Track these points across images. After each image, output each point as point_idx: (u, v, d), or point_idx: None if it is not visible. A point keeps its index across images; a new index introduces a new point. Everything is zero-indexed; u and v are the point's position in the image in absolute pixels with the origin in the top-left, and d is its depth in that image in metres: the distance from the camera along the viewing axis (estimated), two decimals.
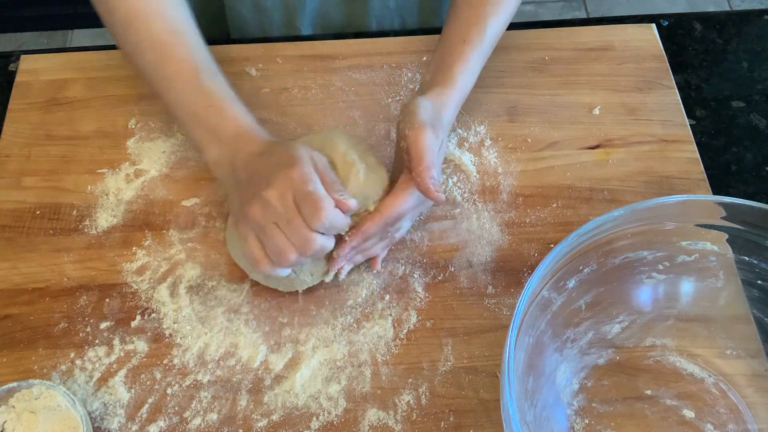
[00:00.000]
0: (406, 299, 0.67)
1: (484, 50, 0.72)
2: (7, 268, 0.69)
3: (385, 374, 0.63)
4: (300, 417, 0.61)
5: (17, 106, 0.79)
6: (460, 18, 0.72)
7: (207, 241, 0.70)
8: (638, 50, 0.82)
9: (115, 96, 0.80)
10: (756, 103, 0.80)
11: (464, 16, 0.72)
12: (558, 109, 0.78)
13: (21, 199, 0.73)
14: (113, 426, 0.61)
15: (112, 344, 0.64)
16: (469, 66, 0.70)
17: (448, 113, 0.68)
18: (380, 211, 0.63)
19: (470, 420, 0.61)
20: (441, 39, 0.73)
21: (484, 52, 0.72)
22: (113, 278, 0.68)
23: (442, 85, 0.68)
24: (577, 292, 0.61)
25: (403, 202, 0.64)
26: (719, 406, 0.62)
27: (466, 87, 0.70)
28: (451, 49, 0.70)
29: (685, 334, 0.64)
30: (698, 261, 0.62)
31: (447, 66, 0.69)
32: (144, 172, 0.74)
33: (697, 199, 0.60)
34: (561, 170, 0.74)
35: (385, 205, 0.64)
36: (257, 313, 0.66)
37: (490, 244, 0.70)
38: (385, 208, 0.64)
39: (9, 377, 0.63)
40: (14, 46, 2.09)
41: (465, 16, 0.72)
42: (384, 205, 0.64)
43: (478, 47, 0.71)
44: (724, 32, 0.86)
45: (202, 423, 0.61)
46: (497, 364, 0.63)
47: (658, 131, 0.76)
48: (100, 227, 0.71)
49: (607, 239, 0.59)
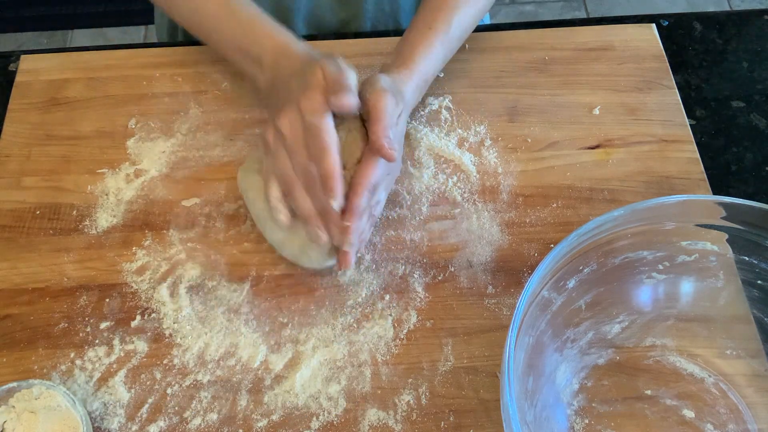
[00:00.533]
0: (406, 299, 0.67)
1: (449, 38, 0.73)
2: (7, 268, 0.69)
3: (385, 374, 0.63)
4: (300, 417, 0.61)
5: (17, 106, 0.79)
6: (428, 6, 0.74)
7: (207, 241, 0.70)
8: (638, 50, 0.82)
9: (115, 96, 0.80)
10: (756, 103, 0.80)
11: (433, 5, 0.74)
12: (558, 109, 0.78)
13: (21, 199, 0.73)
14: (113, 426, 0.61)
15: (112, 344, 0.64)
16: (432, 51, 0.72)
17: (408, 90, 0.69)
18: (358, 182, 0.64)
19: (470, 420, 0.61)
20: (408, 26, 0.74)
21: (450, 40, 0.73)
22: (113, 278, 0.68)
23: (402, 66, 0.70)
24: (577, 292, 0.61)
25: (373, 168, 0.64)
26: (719, 406, 0.62)
27: (426, 71, 0.72)
28: (415, 35, 0.72)
29: (685, 334, 0.64)
30: (698, 261, 0.62)
31: (409, 50, 0.71)
32: (144, 172, 0.74)
33: (697, 199, 0.60)
34: (561, 170, 0.74)
35: (359, 175, 0.64)
36: (257, 313, 0.66)
37: (490, 244, 0.70)
38: (359, 177, 0.64)
39: (9, 377, 0.63)
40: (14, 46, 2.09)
41: (433, 5, 0.74)
42: (358, 175, 0.64)
43: (442, 34, 0.72)
44: (724, 32, 0.86)
45: (202, 423, 0.61)
46: (497, 364, 0.63)
47: (658, 131, 0.76)
48: (100, 227, 0.71)
49: (607, 239, 0.59)
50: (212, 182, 0.74)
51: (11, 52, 0.84)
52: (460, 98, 0.79)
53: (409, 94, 0.70)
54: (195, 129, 0.77)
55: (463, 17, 0.74)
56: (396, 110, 0.65)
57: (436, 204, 0.72)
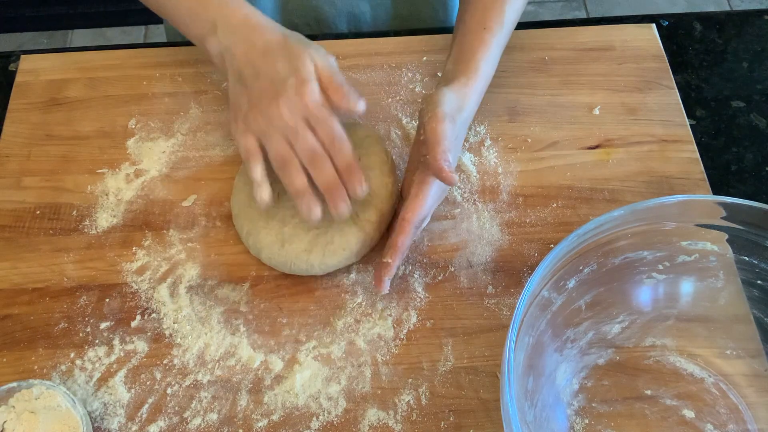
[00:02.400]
0: (406, 299, 0.67)
1: (503, 36, 0.71)
2: (7, 268, 0.69)
3: (385, 374, 0.63)
4: (300, 417, 0.61)
5: (17, 106, 0.79)
6: (478, 4, 0.72)
7: (207, 241, 0.70)
8: (638, 50, 0.82)
9: (115, 96, 0.80)
10: (756, 103, 0.80)
11: (482, 2, 0.72)
12: (558, 109, 0.78)
13: (21, 199, 0.73)
14: (113, 426, 0.61)
15: (112, 344, 0.64)
16: (491, 53, 0.70)
17: (471, 102, 0.68)
18: (406, 219, 0.63)
19: (470, 420, 0.61)
20: (459, 26, 0.72)
21: (504, 38, 0.72)
22: (113, 278, 0.68)
23: (465, 74, 0.68)
24: (577, 292, 0.61)
25: (425, 201, 0.64)
26: (719, 406, 0.62)
27: (488, 74, 0.70)
28: (471, 36, 0.70)
29: (685, 334, 0.64)
30: (698, 261, 0.62)
31: (469, 54, 0.69)
32: (144, 172, 0.74)
33: (697, 199, 0.60)
34: (561, 170, 0.74)
35: (409, 210, 0.64)
36: (257, 313, 0.66)
37: (490, 244, 0.70)
38: (409, 213, 0.64)
39: (9, 377, 0.63)
40: (14, 46, 2.09)
41: (483, 3, 0.72)
42: (408, 209, 0.64)
43: (498, 33, 0.70)
44: (724, 32, 0.86)
45: (202, 423, 0.61)
46: (497, 364, 0.63)
47: (658, 131, 0.76)
48: (100, 227, 0.71)
49: (607, 239, 0.59)
50: (212, 182, 0.74)
51: (11, 52, 0.84)
52: None
53: (472, 104, 0.68)
54: (195, 129, 0.77)
55: (513, 11, 0.72)
56: (453, 133, 0.64)
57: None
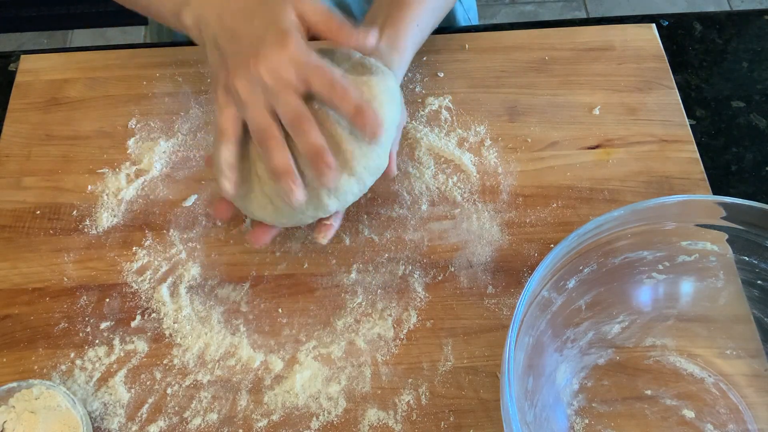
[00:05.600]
0: (406, 299, 0.67)
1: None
2: (7, 268, 0.69)
3: (385, 374, 0.63)
4: (300, 417, 0.61)
5: (17, 106, 0.79)
6: None
7: (207, 241, 0.70)
8: (638, 50, 0.82)
9: (115, 96, 0.80)
10: (756, 103, 0.80)
11: None
12: (558, 109, 0.78)
13: (21, 199, 0.73)
14: (113, 426, 0.61)
15: (112, 344, 0.65)
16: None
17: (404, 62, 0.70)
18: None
19: (470, 420, 0.61)
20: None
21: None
22: (113, 278, 0.68)
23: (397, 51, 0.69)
24: (577, 292, 0.61)
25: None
26: (719, 406, 0.62)
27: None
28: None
29: (685, 334, 0.64)
30: (698, 261, 0.62)
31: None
32: (144, 172, 0.74)
33: (697, 199, 0.60)
34: (561, 170, 0.74)
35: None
36: (257, 313, 0.66)
37: (490, 244, 0.70)
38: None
39: (9, 377, 0.63)
40: (14, 46, 2.09)
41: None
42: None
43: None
44: (724, 32, 0.86)
45: (202, 423, 0.61)
46: (497, 364, 0.63)
47: (658, 131, 0.76)
48: (100, 227, 0.71)
49: (607, 239, 0.59)
50: (213, 182, 0.74)
51: (11, 52, 0.84)
52: (460, 98, 0.79)
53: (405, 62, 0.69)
54: (196, 129, 0.77)
55: None
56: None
57: (436, 204, 0.72)
